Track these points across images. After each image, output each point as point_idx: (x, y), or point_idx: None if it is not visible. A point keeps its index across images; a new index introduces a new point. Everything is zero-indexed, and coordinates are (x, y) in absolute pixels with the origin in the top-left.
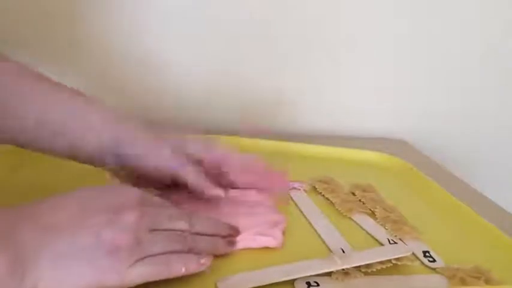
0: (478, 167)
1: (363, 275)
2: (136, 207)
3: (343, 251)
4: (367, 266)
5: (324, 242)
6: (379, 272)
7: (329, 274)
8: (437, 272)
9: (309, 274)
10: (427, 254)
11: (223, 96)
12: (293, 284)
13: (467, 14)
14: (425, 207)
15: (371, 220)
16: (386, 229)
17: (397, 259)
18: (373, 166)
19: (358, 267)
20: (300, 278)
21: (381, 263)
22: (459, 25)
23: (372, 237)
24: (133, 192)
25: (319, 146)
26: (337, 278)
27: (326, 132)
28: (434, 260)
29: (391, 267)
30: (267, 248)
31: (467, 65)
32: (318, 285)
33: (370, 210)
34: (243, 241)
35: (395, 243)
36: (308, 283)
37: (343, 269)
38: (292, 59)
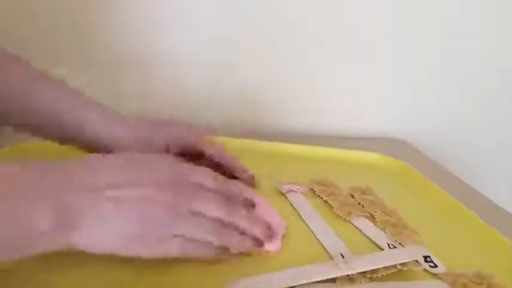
0: (478, 167)
1: (368, 280)
2: (171, 186)
3: (343, 256)
4: (372, 271)
5: (323, 247)
6: (380, 278)
7: (331, 280)
8: (438, 278)
9: (314, 280)
10: (428, 259)
11: (222, 97)
12: None
13: (467, 14)
14: (425, 209)
15: (370, 224)
16: (386, 233)
17: (402, 264)
18: (373, 167)
19: (363, 273)
20: (302, 284)
21: (386, 268)
22: (459, 25)
23: (372, 241)
24: (170, 167)
25: (318, 147)
26: (342, 285)
27: (326, 133)
28: (435, 266)
29: (393, 273)
30: (265, 252)
31: (467, 65)
32: None
33: (370, 213)
34: None
35: (395, 247)
36: None
37: (347, 275)
38: (292, 60)
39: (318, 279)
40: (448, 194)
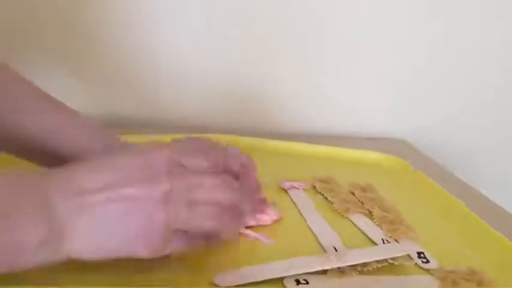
0: (478, 167)
1: (358, 273)
2: (168, 179)
3: (336, 250)
4: (363, 265)
5: (317, 240)
6: (370, 272)
7: (322, 272)
8: (429, 274)
9: (304, 271)
10: (421, 255)
11: (222, 96)
12: (282, 280)
13: (467, 14)
14: (424, 207)
15: (367, 220)
16: (382, 229)
17: (393, 259)
18: (373, 166)
19: (354, 266)
20: (293, 275)
21: (377, 262)
22: (459, 25)
23: (367, 236)
24: (164, 159)
25: (319, 145)
26: (332, 276)
27: (326, 132)
28: (427, 261)
29: (384, 267)
30: (260, 243)
31: (467, 64)
32: (308, 283)
33: (368, 210)
34: None
35: (389, 243)
36: (297, 280)
37: (338, 268)
38: (292, 59)
39: (309, 271)
40: (448, 192)
